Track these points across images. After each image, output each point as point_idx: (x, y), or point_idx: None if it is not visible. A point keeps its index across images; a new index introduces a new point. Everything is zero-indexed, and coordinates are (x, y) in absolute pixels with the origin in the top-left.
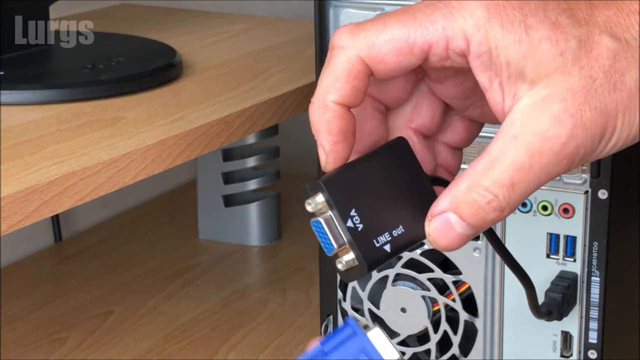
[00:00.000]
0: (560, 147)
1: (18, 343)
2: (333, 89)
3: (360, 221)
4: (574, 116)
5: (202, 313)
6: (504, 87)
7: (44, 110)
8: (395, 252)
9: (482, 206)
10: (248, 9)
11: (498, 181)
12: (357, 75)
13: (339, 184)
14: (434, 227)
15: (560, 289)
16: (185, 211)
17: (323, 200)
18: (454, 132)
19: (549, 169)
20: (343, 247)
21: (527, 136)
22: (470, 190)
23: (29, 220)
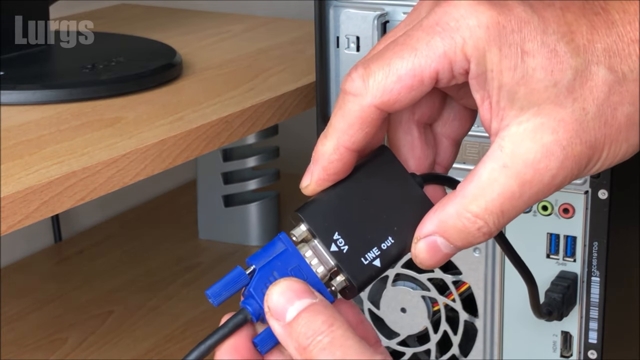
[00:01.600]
0: (550, 179)
1: (18, 343)
2: (346, 134)
3: (345, 243)
4: (565, 149)
5: (202, 313)
6: (493, 110)
7: (44, 110)
8: (386, 265)
9: (472, 232)
10: (248, 9)
11: (488, 209)
12: (370, 122)
13: (319, 210)
14: (420, 249)
15: (560, 289)
16: (185, 211)
17: (305, 229)
18: (453, 121)
19: (538, 196)
20: (334, 270)
21: (518, 166)
22: (459, 215)
23: (29, 220)
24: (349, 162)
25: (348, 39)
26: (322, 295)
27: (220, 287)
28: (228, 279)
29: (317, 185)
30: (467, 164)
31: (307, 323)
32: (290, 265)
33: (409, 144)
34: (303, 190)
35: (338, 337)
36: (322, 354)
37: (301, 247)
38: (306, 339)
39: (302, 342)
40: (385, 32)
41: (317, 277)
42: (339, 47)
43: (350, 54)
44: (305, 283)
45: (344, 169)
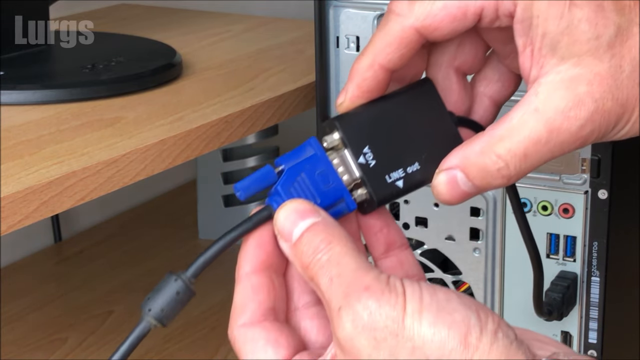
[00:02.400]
0: (578, 129)
1: (18, 343)
2: (383, 52)
3: (373, 157)
4: (596, 102)
5: (202, 313)
6: (534, 57)
7: (44, 110)
8: (408, 188)
9: (491, 172)
10: (248, 9)
11: (512, 150)
12: (408, 44)
13: (355, 121)
14: (440, 180)
15: (560, 289)
16: (185, 211)
17: (338, 137)
18: (497, 82)
19: (563, 146)
20: (357, 182)
21: (549, 111)
22: (483, 153)
23: (29, 220)
24: (383, 81)
25: (348, 39)
26: (326, 213)
27: (249, 182)
28: (257, 175)
29: (351, 102)
30: None
31: (308, 242)
32: (318, 170)
33: (446, 88)
34: (338, 108)
35: (335, 254)
36: (320, 273)
37: (329, 154)
38: (307, 258)
39: (304, 261)
40: None
41: (342, 183)
42: (339, 47)
43: (350, 54)
44: (309, 203)
45: (377, 87)
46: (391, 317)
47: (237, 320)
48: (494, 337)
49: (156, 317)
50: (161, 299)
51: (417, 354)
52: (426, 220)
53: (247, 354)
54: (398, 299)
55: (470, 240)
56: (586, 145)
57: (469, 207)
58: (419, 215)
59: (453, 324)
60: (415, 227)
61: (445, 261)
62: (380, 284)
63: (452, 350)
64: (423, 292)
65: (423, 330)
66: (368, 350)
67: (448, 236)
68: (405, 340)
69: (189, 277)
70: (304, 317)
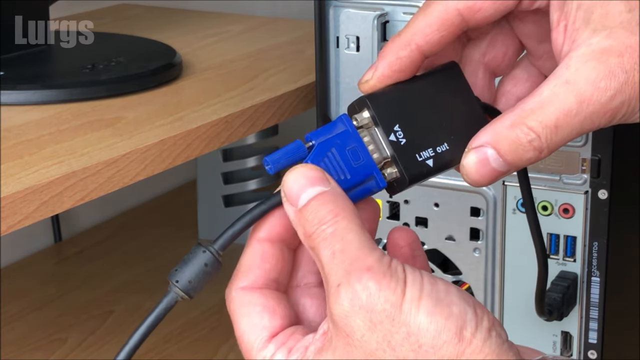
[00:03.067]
0: (608, 100)
1: (18, 343)
2: (422, 33)
3: (404, 136)
4: (627, 73)
5: (202, 313)
6: (567, 31)
7: (44, 110)
8: (438, 168)
9: (524, 144)
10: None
11: (544, 122)
12: (449, 27)
13: (385, 100)
14: (470, 159)
15: (560, 289)
16: (185, 211)
17: (368, 115)
18: (525, 83)
19: (593, 118)
20: (387, 160)
21: (580, 82)
22: (514, 126)
23: (29, 220)
24: (415, 63)
25: (348, 39)
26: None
27: (280, 155)
28: (288, 149)
29: (379, 81)
30: None
31: (314, 211)
32: (348, 146)
33: (471, 84)
34: (361, 86)
35: (341, 229)
36: (323, 244)
37: (360, 132)
38: (311, 227)
39: (307, 230)
40: (385, 32)
41: (373, 160)
42: (339, 47)
43: (350, 54)
44: (321, 170)
45: (409, 69)
46: (390, 301)
47: (238, 282)
48: (487, 334)
49: (184, 288)
50: (189, 270)
51: (411, 340)
52: (426, 220)
53: (241, 315)
54: (398, 284)
55: (470, 240)
56: (616, 121)
57: (469, 207)
58: (419, 215)
59: (450, 316)
60: (415, 227)
61: (445, 261)
62: (382, 266)
63: (445, 342)
64: (424, 280)
65: (420, 317)
66: (362, 331)
67: (448, 236)
68: (401, 325)
69: (217, 249)
70: (304, 294)
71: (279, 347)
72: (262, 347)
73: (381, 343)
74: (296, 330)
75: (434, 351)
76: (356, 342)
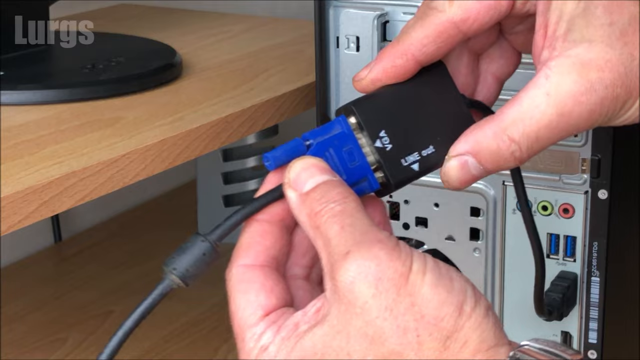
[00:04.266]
0: (588, 114)
1: (18, 343)
2: (419, 44)
3: (390, 141)
4: (607, 89)
5: (202, 313)
6: (547, 38)
7: (44, 110)
8: (423, 171)
9: (504, 155)
10: (248, 9)
11: (525, 133)
12: (446, 39)
13: (371, 105)
14: (450, 166)
15: (560, 289)
16: (185, 211)
17: (355, 122)
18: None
19: (571, 130)
20: (374, 166)
21: (560, 96)
22: (496, 137)
23: (29, 220)
24: (410, 71)
25: (348, 39)
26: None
27: (280, 152)
28: (287, 147)
29: (372, 82)
30: None
31: (322, 192)
32: (345, 147)
33: (456, 69)
34: (355, 83)
35: (350, 208)
36: (331, 220)
37: (356, 134)
38: (319, 205)
39: (314, 208)
40: (385, 32)
41: (367, 162)
42: (339, 47)
43: (350, 54)
44: (326, 163)
45: (403, 76)
46: (399, 271)
47: (238, 259)
48: (486, 312)
49: (181, 276)
50: (186, 259)
51: (414, 310)
52: (426, 220)
53: (238, 291)
54: (407, 258)
55: (470, 240)
56: (592, 128)
57: (469, 207)
58: (419, 216)
59: (452, 290)
60: (415, 227)
61: (445, 261)
62: (392, 241)
63: (447, 314)
64: (427, 258)
65: (424, 289)
66: (366, 298)
67: (448, 236)
68: (406, 295)
69: (215, 240)
70: (290, 286)
71: (269, 326)
72: (254, 324)
73: (383, 311)
74: (287, 311)
75: (435, 322)
76: (357, 309)
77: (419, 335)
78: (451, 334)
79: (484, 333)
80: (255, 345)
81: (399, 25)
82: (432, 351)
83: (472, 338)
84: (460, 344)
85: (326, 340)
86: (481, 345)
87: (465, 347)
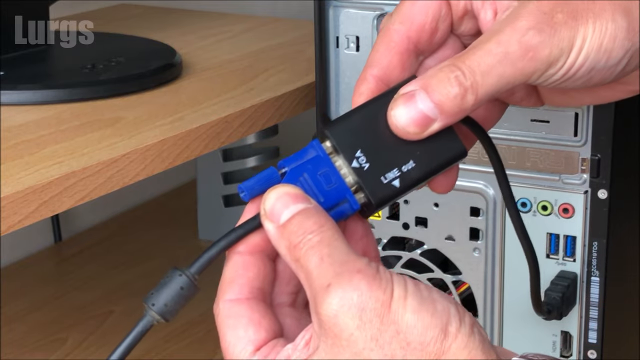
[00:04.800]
0: (527, 41)
1: (18, 343)
2: (379, 65)
3: (366, 161)
4: (546, 14)
5: (202, 313)
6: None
7: (44, 110)
8: (405, 187)
9: (449, 79)
10: (248, 9)
11: (466, 61)
12: (402, 53)
13: (344, 127)
14: (397, 103)
15: (560, 289)
16: (185, 211)
17: (330, 145)
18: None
19: (516, 64)
20: (354, 187)
21: (503, 27)
22: (440, 68)
23: (29, 220)
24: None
25: (348, 39)
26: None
27: (253, 182)
28: (261, 176)
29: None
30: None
31: (299, 223)
32: (320, 170)
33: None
34: None
35: (327, 237)
36: (310, 252)
37: (332, 157)
38: (297, 237)
39: (292, 240)
40: None
41: (345, 183)
42: (339, 47)
43: (350, 54)
44: (300, 190)
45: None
46: (380, 300)
47: (224, 295)
48: (471, 330)
49: (160, 312)
50: (165, 294)
51: (399, 338)
52: (426, 220)
53: (227, 327)
54: (388, 285)
55: (470, 240)
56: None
57: (468, 207)
58: (419, 215)
59: (435, 313)
60: (415, 227)
61: (445, 261)
62: (371, 269)
63: (432, 338)
64: (407, 282)
65: (407, 316)
66: (351, 330)
67: (448, 236)
68: (390, 323)
69: (193, 274)
70: (278, 315)
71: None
72: None
73: (369, 342)
74: (278, 343)
75: (422, 347)
76: (344, 341)
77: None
78: (439, 357)
79: (472, 352)
80: None
81: None
82: None
83: (461, 359)
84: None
85: None
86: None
87: None
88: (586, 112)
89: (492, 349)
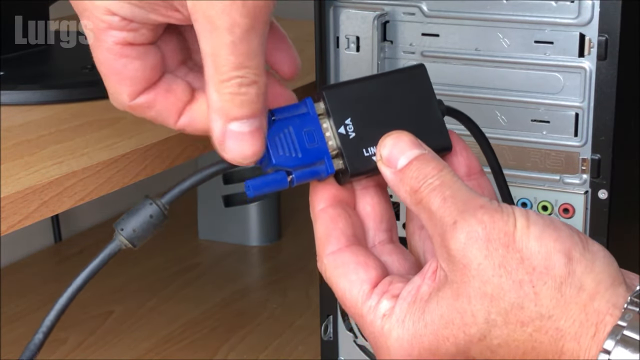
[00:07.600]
0: None
1: (18, 343)
2: None
3: (354, 130)
4: None
5: (202, 313)
6: None
7: (44, 110)
8: None
9: (240, 91)
10: None
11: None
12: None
13: (342, 93)
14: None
15: None
16: (185, 211)
17: (322, 107)
18: None
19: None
20: (335, 152)
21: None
22: (219, 91)
23: (29, 220)
24: None
25: (348, 39)
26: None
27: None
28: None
29: None
30: None
31: (418, 169)
32: (306, 128)
33: None
34: None
35: (447, 180)
36: (432, 194)
37: (321, 118)
38: (417, 182)
39: (413, 185)
40: (385, 32)
41: (327, 145)
42: (339, 47)
43: (350, 54)
44: (417, 139)
45: None
46: (503, 230)
47: (324, 250)
48: (595, 255)
49: (128, 237)
50: (134, 220)
51: (525, 264)
52: None
53: (338, 277)
54: (510, 217)
55: None
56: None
57: None
58: None
59: (558, 239)
60: None
61: None
62: (493, 204)
63: (556, 262)
64: (530, 213)
65: (531, 243)
66: (479, 260)
67: None
68: (515, 251)
69: (164, 203)
70: (382, 253)
71: (382, 295)
72: (366, 298)
73: (497, 269)
74: (393, 279)
75: (547, 271)
76: (473, 271)
77: (534, 286)
78: (564, 279)
79: (598, 275)
80: (375, 316)
81: (399, 25)
82: (550, 299)
83: (587, 282)
84: (575, 289)
85: (450, 303)
86: (598, 288)
87: (581, 291)
88: (587, 112)
89: (619, 273)
